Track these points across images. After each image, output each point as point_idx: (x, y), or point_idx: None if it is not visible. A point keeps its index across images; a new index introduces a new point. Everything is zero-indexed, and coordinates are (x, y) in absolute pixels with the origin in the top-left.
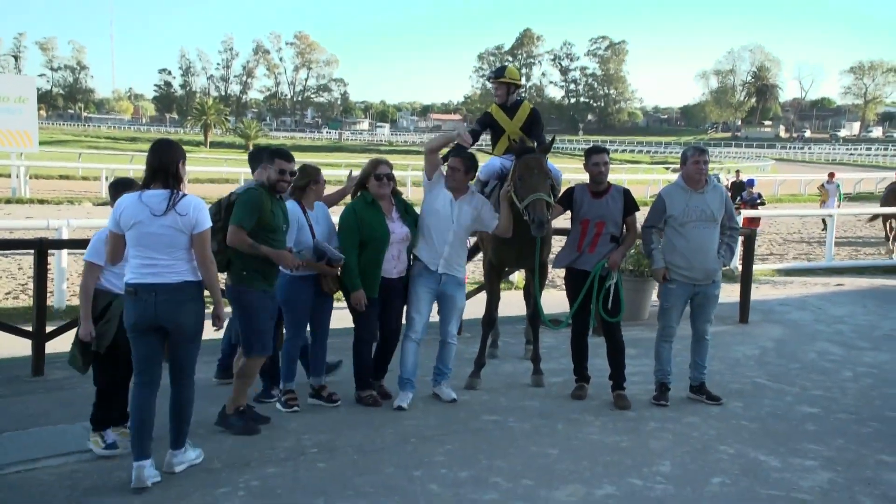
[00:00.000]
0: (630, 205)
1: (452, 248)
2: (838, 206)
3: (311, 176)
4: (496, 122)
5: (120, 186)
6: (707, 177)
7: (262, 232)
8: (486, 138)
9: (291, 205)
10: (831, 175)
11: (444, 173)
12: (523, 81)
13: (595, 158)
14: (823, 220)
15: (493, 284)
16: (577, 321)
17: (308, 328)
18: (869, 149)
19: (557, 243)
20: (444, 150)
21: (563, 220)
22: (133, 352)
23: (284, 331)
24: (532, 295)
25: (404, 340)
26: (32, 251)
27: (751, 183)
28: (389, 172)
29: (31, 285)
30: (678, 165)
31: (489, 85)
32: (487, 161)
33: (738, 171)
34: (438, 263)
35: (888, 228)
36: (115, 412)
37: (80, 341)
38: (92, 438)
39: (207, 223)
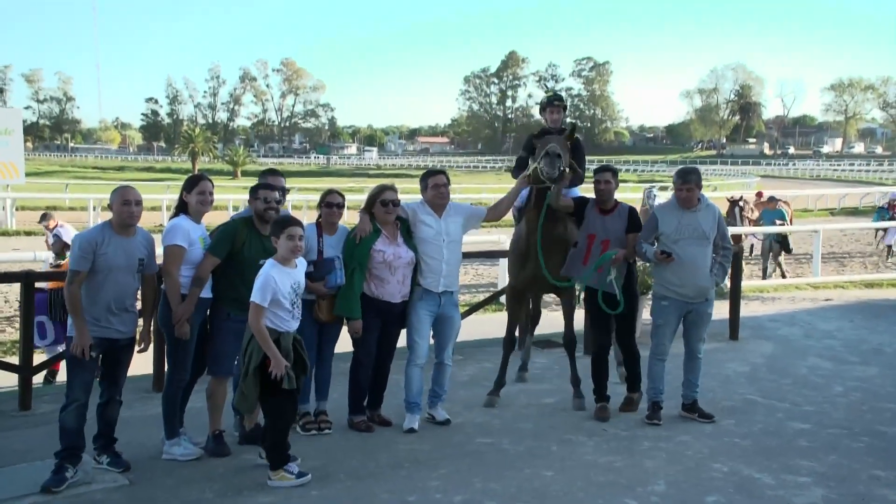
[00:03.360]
0: (633, 222)
1: (449, 265)
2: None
3: (321, 202)
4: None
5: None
6: (700, 196)
7: (234, 264)
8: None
9: (309, 229)
10: (759, 195)
11: (425, 199)
12: (509, 104)
13: (597, 176)
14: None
15: (512, 307)
16: (597, 341)
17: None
18: (851, 164)
19: None
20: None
21: None
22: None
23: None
24: (565, 317)
25: (409, 367)
26: (19, 283)
27: None
28: (395, 198)
29: (17, 318)
30: (670, 184)
31: (532, 109)
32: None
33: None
34: (440, 283)
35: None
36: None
37: (256, 381)
38: (275, 476)
39: (165, 242)
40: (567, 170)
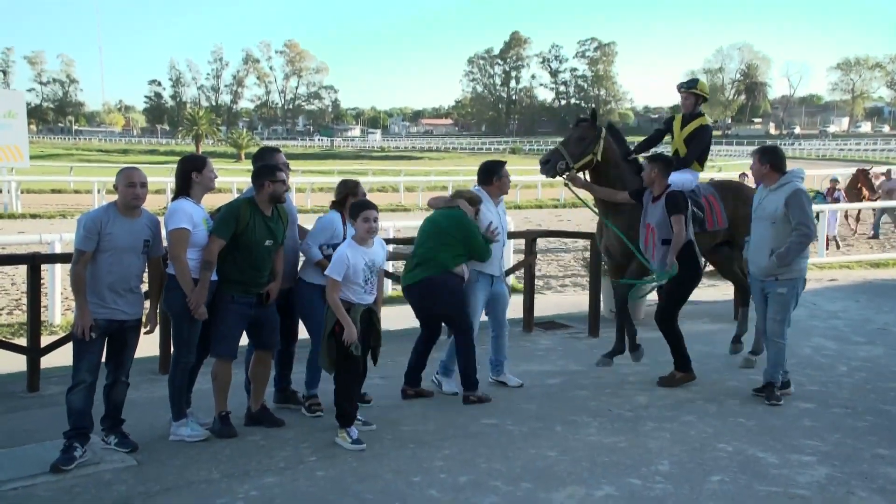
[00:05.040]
0: (669, 206)
1: (504, 249)
2: None
3: (348, 189)
4: (672, 130)
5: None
6: (785, 175)
7: (240, 246)
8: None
9: (333, 215)
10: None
11: (489, 189)
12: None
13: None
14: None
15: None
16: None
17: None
18: (858, 143)
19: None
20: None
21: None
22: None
23: (310, 339)
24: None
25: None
26: (25, 266)
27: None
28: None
29: (24, 300)
30: None
31: (678, 93)
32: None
33: None
34: (499, 266)
35: None
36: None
37: (331, 345)
38: (339, 434)
39: (169, 227)
40: (569, 167)
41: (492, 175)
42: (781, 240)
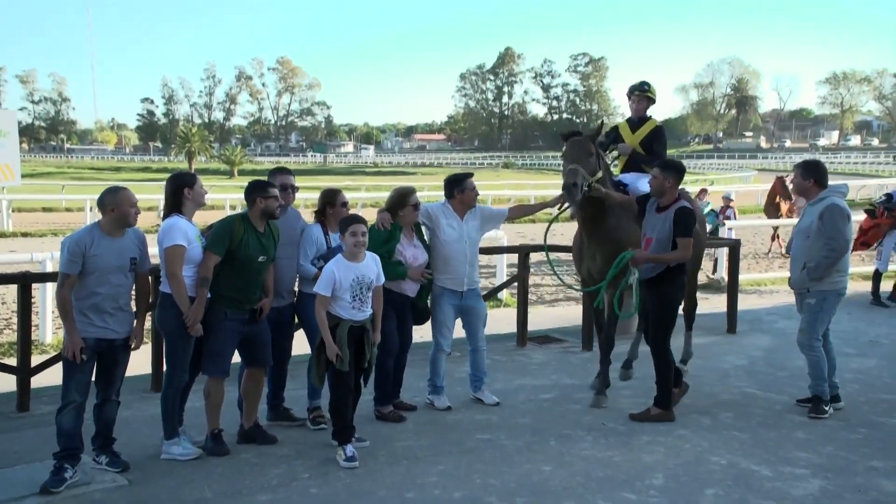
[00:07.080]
0: (678, 226)
1: (471, 266)
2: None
3: (326, 199)
4: (620, 137)
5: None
6: (824, 190)
7: (233, 262)
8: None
9: (312, 227)
10: (702, 192)
11: (452, 202)
12: (489, 99)
13: (651, 172)
14: None
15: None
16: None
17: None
18: (848, 157)
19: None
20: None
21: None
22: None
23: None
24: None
25: (435, 354)
26: (16, 285)
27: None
28: (419, 201)
29: (15, 320)
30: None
31: (628, 99)
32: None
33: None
34: (463, 283)
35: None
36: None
37: (321, 360)
38: (337, 451)
39: (165, 244)
40: (591, 184)
41: (453, 188)
42: (814, 253)
